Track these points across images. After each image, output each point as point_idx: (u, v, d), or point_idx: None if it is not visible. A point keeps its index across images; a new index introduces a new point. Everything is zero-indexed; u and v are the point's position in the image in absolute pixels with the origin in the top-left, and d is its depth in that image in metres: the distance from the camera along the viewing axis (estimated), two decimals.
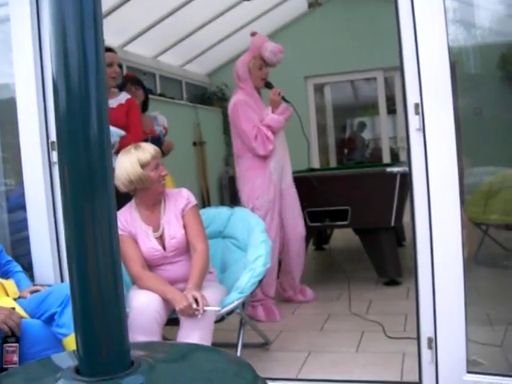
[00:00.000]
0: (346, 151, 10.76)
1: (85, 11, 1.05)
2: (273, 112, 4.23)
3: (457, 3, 2.94)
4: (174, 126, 7.36)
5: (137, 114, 4.31)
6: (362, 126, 11.12)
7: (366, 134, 11.27)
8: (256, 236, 3.13)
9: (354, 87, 11.09)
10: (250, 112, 4.15)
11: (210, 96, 9.37)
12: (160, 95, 7.76)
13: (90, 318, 1.16)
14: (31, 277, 3.07)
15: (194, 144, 8.57)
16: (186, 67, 8.88)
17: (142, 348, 1.40)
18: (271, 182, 4.24)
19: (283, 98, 4.28)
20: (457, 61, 2.82)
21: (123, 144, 3.47)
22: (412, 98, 2.52)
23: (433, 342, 2.59)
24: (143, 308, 2.74)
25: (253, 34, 4.36)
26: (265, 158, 4.23)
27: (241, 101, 4.17)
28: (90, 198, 1.00)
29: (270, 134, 4.17)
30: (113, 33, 6.36)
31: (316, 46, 8.51)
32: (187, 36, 7.73)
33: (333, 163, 9.56)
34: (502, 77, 3.59)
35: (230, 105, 4.25)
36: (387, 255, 4.83)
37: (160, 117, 5.16)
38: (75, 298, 1.16)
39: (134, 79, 5.00)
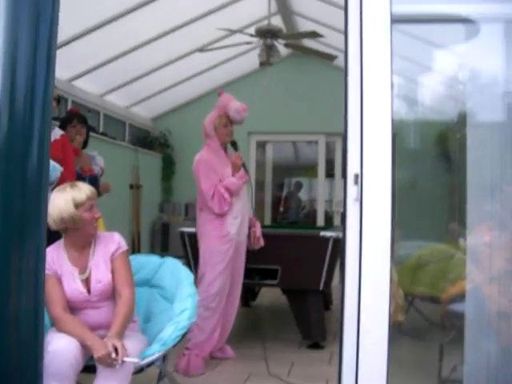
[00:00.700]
0: (281, 209, 10.87)
1: (39, 39, 1.03)
2: (233, 175, 4.38)
3: (402, 79, 3.07)
4: (112, 166, 7.29)
5: (71, 150, 4.30)
6: (299, 186, 11.29)
7: (303, 195, 11.43)
8: (184, 288, 3.08)
9: (295, 148, 11.31)
10: (210, 172, 4.29)
11: (152, 140, 9.36)
12: (102, 134, 7.70)
13: (4, 361, 1.11)
14: None
15: (131, 187, 8.49)
16: (132, 109, 8.87)
17: None
18: (227, 236, 4.34)
19: (243, 165, 4.44)
20: (396, 134, 2.92)
21: (59, 181, 3.40)
22: (352, 167, 2.58)
23: None
24: (60, 352, 2.63)
25: (220, 93, 4.52)
26: (223, 215, 4.34)
27: (203, 160, 4.30)
28: (21, 236, 0.96)
29: (227, 195, 4.29)
30: (61, 65, 6.29)
31: (263, 103, 8.67)
32: (136, 78, 7.75)
33: (267, 220, 9.63)
34: (438, 154, 3.72)
35: (194, 161, 4.36)
36: (313, 318, 4.84)
37: (98, 157, 5.11)
38: None
39: (81, 116, 4.95)
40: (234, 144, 4.48)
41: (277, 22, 7.41)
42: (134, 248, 8.26)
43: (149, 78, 7.83)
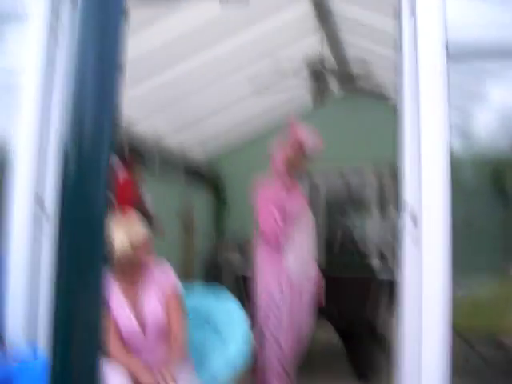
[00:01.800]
0: (335, 251, 10.70)
1: (106, 73, 1.03)
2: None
3: (453, 111, 3.00)
4: (164, 206, 7.36)
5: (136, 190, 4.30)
6: (352, 226, 11.09)
7: (357, 234, 11.24)
8: (239, 329, 3.04)
9: (344, 179, 11.18)
10: (269, 208, 4.05)
11: (205, 176, 9.43)
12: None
13: None
14: None
15: (185, 228, 8.51)
16: (185, 146, 8.92)
17: None
18: (287, 275, 4.06)
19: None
20: (453, 170, 2.84)
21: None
22: (409, 207, 2.51)
23: None
24: None
25: (292, 124, 4.22)
26: (282, 252, 4.07)
27: (263, 196, 4.10)
28: (85, 275, 0.95)
29: (278, 229, 4.02)
30: None
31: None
32: (194, 122, 7.82)
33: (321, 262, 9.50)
34: (494, 191, 3.62)
35: (254, 195, 4.16)
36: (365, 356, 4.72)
37: (148, 196, 5.17)
38: (54, 376, 1.07)
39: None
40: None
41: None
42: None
43: (208, 121, 7.93)
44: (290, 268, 4.08)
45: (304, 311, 4.18)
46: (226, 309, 3.29)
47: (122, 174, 4.31)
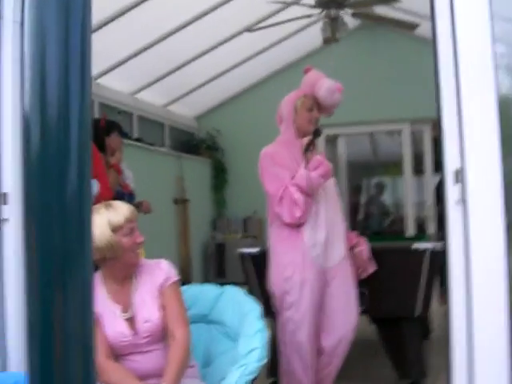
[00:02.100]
0: (360, 218, 10.79)
1: (71, 37, 1.03)
2: (305, 167, 3.92)
3: (505, 46, 2.98)
4: (151, 178, 7.39)
5: (101, 161, 4.38)
6: (381, 187, 11.17)
7: (386, 198, 11.32)
8: (250, 323, 3.07)
9: (373, 141, 11.22)
10: (276, 169, 3.92)
11: (197, 144, 9.44)
12: (137, 140, 7.81)
13: None
14: None
15: (175, 202, 8.57)
16: (171, 108, 8.97)
17: None
18: (306, 259, 3.92)
19: (307, 148, 3.93)
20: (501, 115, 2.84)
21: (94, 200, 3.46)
22: (451, 161, 2.52)
23: None
24: None
25: (307, 70, 4.15)
26: (297, 227, 3.94)
27: (268, 154, 3.97)
28: (63, 276, 0.96)
29: (297, 195, 3.86)
30: None
31: None
32: (174, 70, 7.82)
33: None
34: None
35: (260, 156, 4.03)
36: (410, 351, 4.76)
37: (127, 170, 5.20)
38: None
39: (119, 126, 5.11)
40: (317, 132, 3.97)
41: None
42: (184, 276, 8.33)
43: (189, 69, 7.90)
44: (313, 248, 3.94)
45: (338, 303, 4.01)
46: (234, 302, 3.32)
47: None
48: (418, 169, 9.32)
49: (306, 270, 3.91)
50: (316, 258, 3.93)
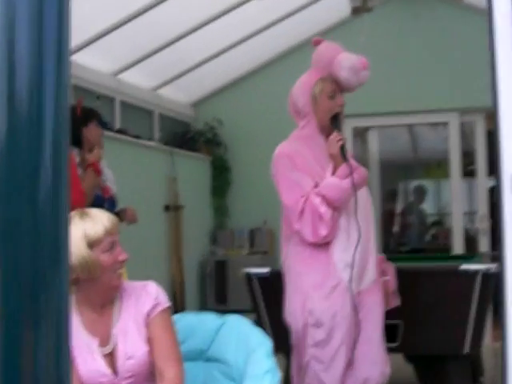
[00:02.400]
0: (395, 230, 10.80)
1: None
2: (333, 173, 3.93)
3: None
4: (136, 180, 7.39)
5: (74, 161, 4.39)
6: (422, 192, 11.18)
7: (428, 206, 11.33)
8: (258, 362, 3.08)
9: (412, 135, 11.22)
10: (296, 174, 3.92)
11: (194, 137, 9.45)
12: (119, 131, 7.81)
13: None
14: None
15: (167, 209, 8.58)
16: (161, 92, 8.98)
17: None
18: (338, 284, 3.93)
19: (342, 150, 3.91)
20: None
21: None
22: (509, 162, 2.52)
23: None
24: None
25: (317, 42, 4.15)
26: (324, 244, 3.95)
27: (284, 154, 3.97)
28: (33, 312, 0.97)
29: (323, 209, 3.85)
30: None
31: None
32: (165, 46, 7.83)
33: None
34: None
35: (273, 158, 4.04)
36: None
37: (108, 170, 5.20)
38: None
39: (98, 115, 5.12)
40: (334, 120, 4.00)
41: None
42: (176, 302, 8.34)
43: (183, 45, 7.90)
44: (345, 271, 3.93)
45: (366, 335, 4.02)
46: (238, 335, 3.33)
47: None
48: (469, 170, 9.31)
49: (337, 298, 3.92)
50: (350, 282, 3.92)
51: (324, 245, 3.93)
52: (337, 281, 3.92)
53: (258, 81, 9.29)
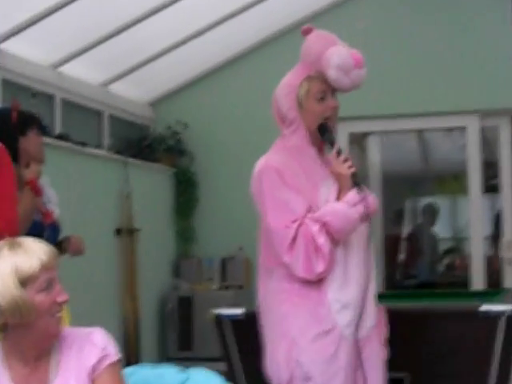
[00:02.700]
0: (401, 258, 10.83)
1: None
2: (338, 196, 3.93)
3: None
4: (81, 198, 7.39)
5: (11, 174, 4.30)
6: (434, 213, 11.21)
7: (441, 229, 11.36)
8: None
9: (422, 142, 11.28)
10: (286, 193, 3.91)
11: (153, 144, 9.46)
12: (60, 137, 7.79)
13: None
14: None
15: (118, 232, 8.58)
16: (113, 88, 8.98)
17: None
18: (332, 329, 3.94)
19: (354, 176, 3.91)
20: None
21: None
22: None
23: None
24: None
25: (306, 31, 4.14)
26: (317, 282, 3.93)
27: (272, 168, 3.95)
28: None
29: (322, 239, 3.83)
30: None
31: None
32: (117, 32, 7.85)
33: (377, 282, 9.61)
34: None
35: (255, 172, 4.02)
36: None
37: (49, 189, 5.15)
38: None
39: (39, 120, 5.11)
40: (322, 128, 3.99)
41: None
42: (130, 350, 8.32)
43: (139, 32, 7.91)
44: (341, 313, 3.95)
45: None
46: None
47: None
48: (491, 185, 9.36)
49: (330, 346, 3.91)
50: (347, 327, 3.94)
51: (316, 281, 3.91)
52: (330, 325, 3.91)
53: (232, 75, 9.31)
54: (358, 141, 9.90)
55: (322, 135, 4.01)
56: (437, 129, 10.05)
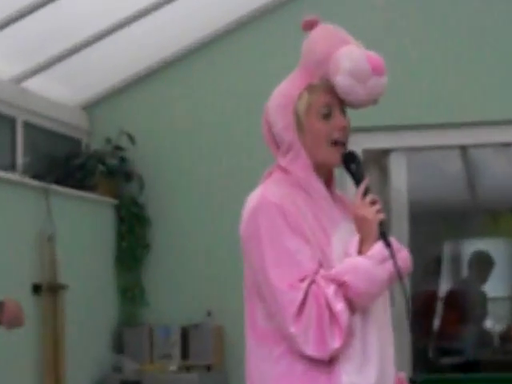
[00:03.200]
0: (436, 328, 10.88)
1: None
2: (360, 249, 3.91)
3: None
4: None
5: None
6: (487, 263, 11.20)
7: (495, 286, 11.40)
8: None
9: (467, 163, 11.36)
10: (293, 241, 3.90)
11: (86, 164, 9.46)
12: None
13: None
14: None
15: (37, 290, 8.60)
16: (29, 85, 9.01)
17: None
18: None
19: (381, 226, 3.91)
20: None
21: None
22: None
23: None
24: None
25: (309, 25, 4.16)
26: (328, 361, 3.92)
27: (270, 206, 3.94)
28: None
29: (340, 306, 3.82)
30: None
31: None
32: (31, 11, 7.93)
33: (402, 360, 9.68)
34: None
35: (247, 209, 4.05)
36: None
37: None
38: None
39: None
40: (349, 158, 4.04)
41: None
42: None
43: (65, 9, 7.98)
44: None
45: None
46: None
47: None
48: None
49: None
50: None
51: (327, 360, 3.91)
52: None
53: (197, 70, 9.36)
54: (377, 160, 9.98)
55: (348, 167, 4.06)
56: (486, 144, 10.14)
